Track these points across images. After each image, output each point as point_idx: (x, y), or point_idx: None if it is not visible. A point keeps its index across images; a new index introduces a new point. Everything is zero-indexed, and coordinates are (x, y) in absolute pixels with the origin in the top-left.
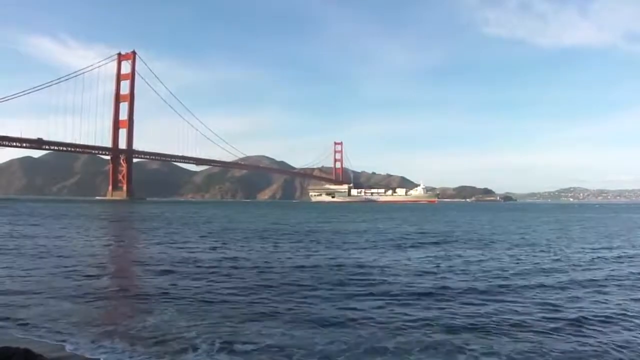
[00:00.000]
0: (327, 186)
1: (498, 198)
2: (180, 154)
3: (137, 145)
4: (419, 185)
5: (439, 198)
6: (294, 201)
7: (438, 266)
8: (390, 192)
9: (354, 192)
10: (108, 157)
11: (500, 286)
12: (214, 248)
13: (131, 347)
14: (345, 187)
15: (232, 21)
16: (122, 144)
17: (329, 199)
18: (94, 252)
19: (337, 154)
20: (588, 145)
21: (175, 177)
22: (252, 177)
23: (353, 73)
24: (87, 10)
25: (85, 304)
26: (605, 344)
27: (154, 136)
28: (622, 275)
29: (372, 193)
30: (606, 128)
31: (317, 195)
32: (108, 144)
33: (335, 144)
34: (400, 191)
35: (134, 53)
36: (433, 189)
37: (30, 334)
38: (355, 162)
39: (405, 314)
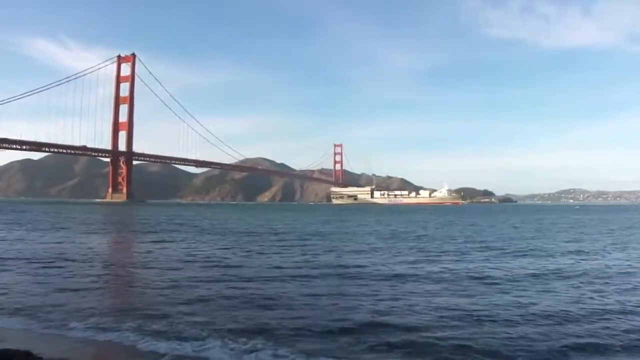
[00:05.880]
0: (351, 189)
1: (493, 200)
2: (180, 156)
3: (137, 148)
4: (443, 188)
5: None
6: (310, 203)
7: None
8: (413, 194)
9: (376, 194)
10: (108, 160)
11: None
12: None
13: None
14: (367, 189)
15: (232, 23)
16: (122, 146)
17: (350, 201)
18: (93, 256)
19: (336, 156)
20: (589, 146)
21: (175, 180)
22: (252, 179)
23: (353, 74)
24: (88, 12)
25: (87, 307)
26: None
27: (154, 138)
28: None
29: (395, 195)
30: (607, 129)
31: (339, 197)
32: (108, 146)
33: (335, 145)
34: (424, 193)
35: (133, 55)
36: (457, 191)
37: (31, 336)
38: (355, 164)
39: None
